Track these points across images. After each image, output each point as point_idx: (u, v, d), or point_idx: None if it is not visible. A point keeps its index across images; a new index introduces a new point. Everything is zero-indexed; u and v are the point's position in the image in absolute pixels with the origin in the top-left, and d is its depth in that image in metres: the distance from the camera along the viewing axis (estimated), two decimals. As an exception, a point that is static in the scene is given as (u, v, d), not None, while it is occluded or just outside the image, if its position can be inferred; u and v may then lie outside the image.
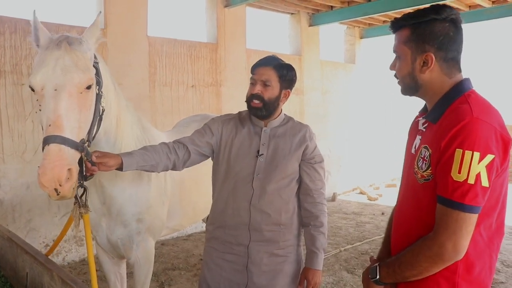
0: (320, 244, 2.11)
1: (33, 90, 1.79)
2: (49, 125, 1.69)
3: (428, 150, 1.41)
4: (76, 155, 1.74)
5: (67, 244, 4.81)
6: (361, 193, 8.96)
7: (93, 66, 1.92)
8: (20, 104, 4.43)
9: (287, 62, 2.16)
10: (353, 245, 5.47)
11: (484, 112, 1.34)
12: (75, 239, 4.88)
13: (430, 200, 1.41)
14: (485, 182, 1.30)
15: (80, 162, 1.82)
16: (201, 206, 3.19)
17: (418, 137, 1.54)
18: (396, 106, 10.26)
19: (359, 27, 9.16)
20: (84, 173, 1.87)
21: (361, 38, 9.32)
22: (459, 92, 1.43)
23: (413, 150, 1.55)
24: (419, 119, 1.58)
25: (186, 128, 3.27)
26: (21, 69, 4.42)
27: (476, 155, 1.27)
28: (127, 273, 2.86)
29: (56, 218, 4.65)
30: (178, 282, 4.30)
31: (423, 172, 1.42)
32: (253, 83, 2.08)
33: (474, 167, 1.27)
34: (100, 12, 2.16)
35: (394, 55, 1.57)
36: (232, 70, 6.53)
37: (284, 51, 7.81)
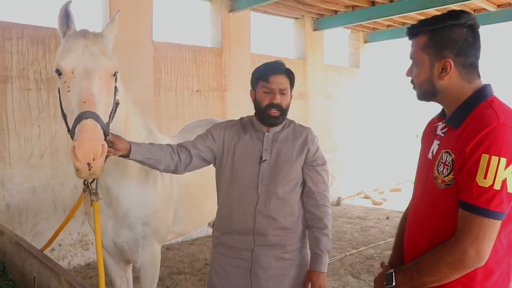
0: (324, 246, 2.11)
1: (59, 74, 1.85)
2: (84, 102, 1.75)
3: (450, 155, 1.39)
4: (103, 136, 1.77)
5: (73, 248, 4.83)
6: (365, 197, 8.93)
7: None
8: (26, 109, 4.47)
9: (291, 66, 2.17)
10: (358, 249, 5.45)
11: (510, 118, 1.33)
12: (81, 243, 4.90)
13: (450, 205, 1.39)
14: (511, 189, 1.28)
15: None
16: (207, 211, 3.20)
17: (436, 142, 1.52)
18: (401, 111, 10.24)
19: (363, 31, 9.17)
20: None
21: (365, 42, 9.33)
22: (481, 98, 1.42)
23: (430, 155, 1.53)
24: (438, 124, 1.55)
25: (191, 134, 3.27)
26: (28, 75, 4.47)
27: (503, 161, 1.26)
28: (133, 278, 2.86)
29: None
30: (183, 287, 4.30)
31: (445, 177, 1.40)
32: (268, 92, 2.06)
33: (501, 173, 1.26)
34: (119, 10, 2.23)
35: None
36: (236, 74, 6.55)
37: (288, 56, 7.82)
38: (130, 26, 5.24)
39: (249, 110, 2.18)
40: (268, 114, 2.07)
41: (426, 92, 1.52)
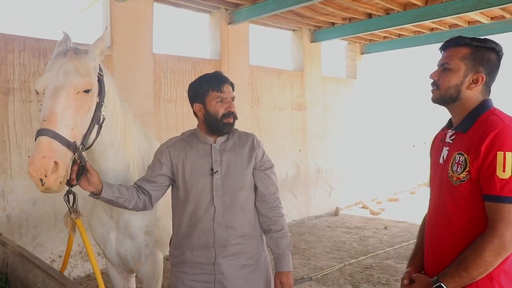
0: (284, 246, 2.15)
1: (37, 93, 1.92)
2: (44, 120, 1.78)
3: (463, 155, 1.60)
4: (67, 153, 1.80)
5: (72, 259, 4.82)
6: (363, 207, 8.95)
7: (97, 76, 2.02)
8: (28, 121, 4.50)
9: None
10: (357, 259, 5.47)
11: (511, 121, 1.57)
12: (81, 254, 4.90)
13: (468, 198, 1.59)
14: None
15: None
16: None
17: (445, 148, 1.73)
18: (398, 121, 10.31)
19: (360, 43, 9.28)
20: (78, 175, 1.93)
21: (362, 53, 9.43)
22: (485, 108, 1.66)
23: (441, 161, 1.74)
24: (447, 132, 1.76)
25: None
26: (29, 86, 4.50)
27: None
28: (136, 288, 2.88)
29: (62, 234, 4.67)
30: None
31: (459, 174, 1.61)
32: (222, 101, 2.10)
33: None
34: (107, 27, 2.27)
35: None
36: (235, 86, 6.57)
37: (286, 67, 7.88)
38: (131, 38, 5.31)
39: (248, 120, 2.21)
40: (226, 123, 2.10)
41: (450, 96, 1.70)
